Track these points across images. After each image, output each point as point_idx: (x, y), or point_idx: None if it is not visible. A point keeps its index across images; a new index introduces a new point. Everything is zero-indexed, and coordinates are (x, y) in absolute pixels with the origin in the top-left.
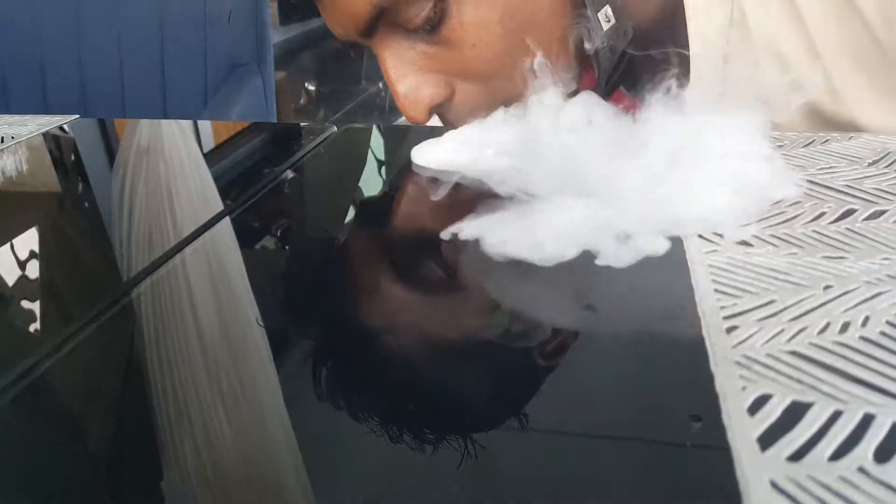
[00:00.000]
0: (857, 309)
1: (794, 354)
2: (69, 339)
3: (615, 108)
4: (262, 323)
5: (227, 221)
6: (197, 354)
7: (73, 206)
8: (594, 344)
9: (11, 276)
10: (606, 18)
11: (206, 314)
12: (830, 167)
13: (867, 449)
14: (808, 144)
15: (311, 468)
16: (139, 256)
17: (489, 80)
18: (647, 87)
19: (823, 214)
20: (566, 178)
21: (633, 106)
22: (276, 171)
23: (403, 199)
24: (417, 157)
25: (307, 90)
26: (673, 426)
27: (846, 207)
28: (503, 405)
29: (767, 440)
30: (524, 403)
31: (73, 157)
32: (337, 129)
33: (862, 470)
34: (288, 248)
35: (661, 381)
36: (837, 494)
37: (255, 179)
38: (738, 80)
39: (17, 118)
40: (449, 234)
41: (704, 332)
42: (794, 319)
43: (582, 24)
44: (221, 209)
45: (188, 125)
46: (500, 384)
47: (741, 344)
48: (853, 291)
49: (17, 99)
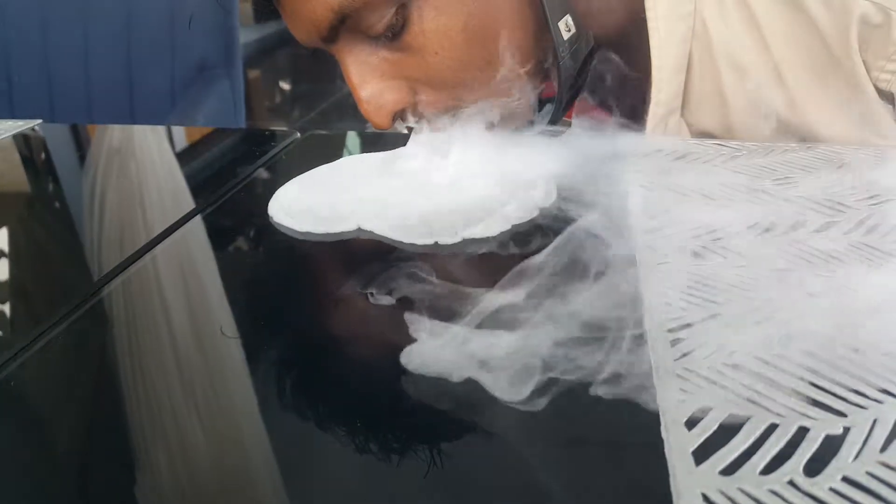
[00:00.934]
0: (800, 322)
1: (734, 367)
2: (39, 337)
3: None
4: (226, 332)
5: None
6: (168, 351)
7: (32, 207)
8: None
9: None
10: (567, 28)
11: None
12: (786, 178)
13: (799, 462)
14: (766, 154)
15: (282, 465)
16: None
17: (452, 87)
18: (610, 96)
19: (776, 226)
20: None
21: (597, 115)
22: (232, 179)
23: None
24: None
25: (281, 90)
26: (610, 438)
27: (798, 219)
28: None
29: (702, 453)
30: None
31: (35, 159)
32: (300, 134)
33: (792, 483)
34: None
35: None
36: None
37: (210, 188)
38: (700, 91)
39: None
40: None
41: (650, 344)
42: (737, 332)
43: (542, 32)
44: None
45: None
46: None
47: (684, 357)
48: (798, 304)
49: None
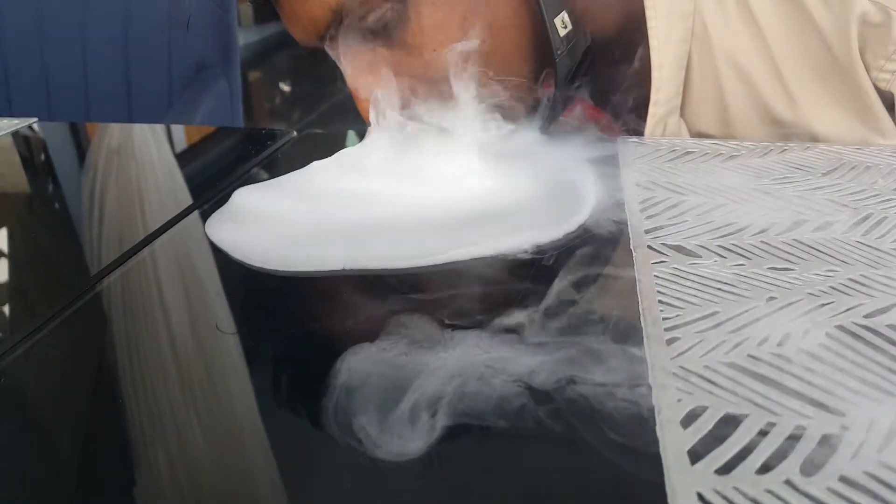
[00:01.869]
0: (797, 321)
1: (731, 366)
2: (34, 332)
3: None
4: (222, 328)
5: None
6: (164, 345)
7: (30, 204)
8: (530, 350)
9: None
10: (563, 24)
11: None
12: (785, 177)
13: (796, 462)
14: (765, 154)
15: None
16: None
17: (451, 84)
18: (608, 95)
19: (774, 225)
20: None
21: (594, 113)
22: (230, 177)
23: None
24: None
25: (282, 91)
26: (606, 437)
27: (797, 218)
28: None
29: (698, 453)
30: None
31: (33, 157)
32: (297, 133)
33: (788, 482)
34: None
35: (598, 392)
36: None
37: (207, 185)
38: (699, 91)
39: None
40: None
41: (645, 343)
42: (734, 331)
43: (539, 30)
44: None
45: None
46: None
47: (680, 356)
48: (796, 303)
49: None
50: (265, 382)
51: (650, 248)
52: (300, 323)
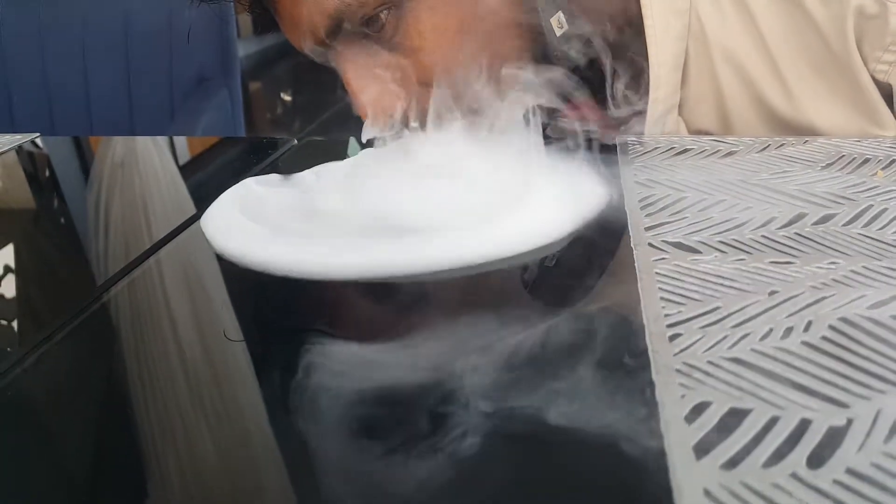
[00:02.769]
0: (800, 314)
1: (735, 361)
2: (43, 343)
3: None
4: (229, 335)
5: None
6: (171, 352)
7: (35, 218)
8: (536, 350)
9: None
10: (559, 24)
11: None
12: (784, 171)
13: (802, 455)
14: (763, 149)
15: (290, 468)
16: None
17: (450, 87)
18: (607, 94)
19: (774, 219)
20: None
21: (593, 113)
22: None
23: None
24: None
25: (283, 101)
26: (611, 433)
27: (797, 212)
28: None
29: (703, 448)
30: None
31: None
32: (297, 142)
33: (795, 476)
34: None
35: (602, 388)
36: (769, 501)
37: (209, 194)
38: (697, 87)
39: None
40: None
41: (647, 339)
42: (737, 326)
43: (536, 30)
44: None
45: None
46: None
47: (683, 351)
48: (798, 297)
49: None
50: (274, 390)
51: (651, 245)
52: (308, 328)
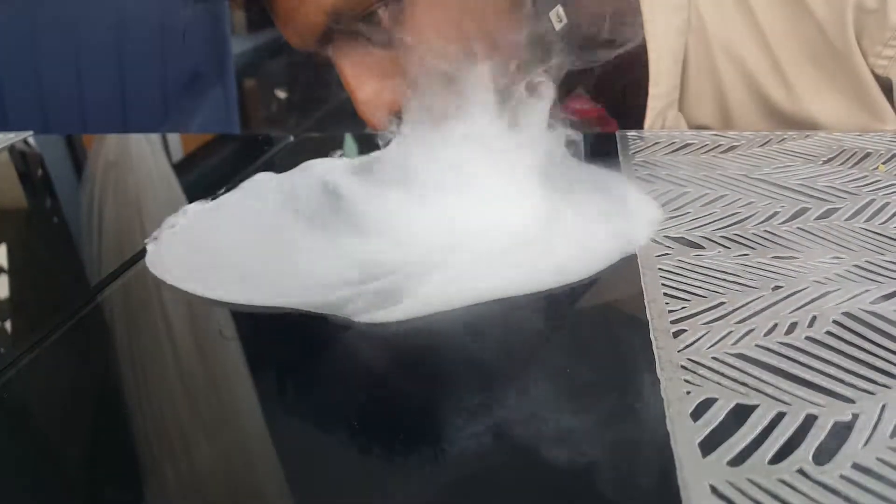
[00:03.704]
0: (804, 309)
1: (739, 357)
2: (38, 344)
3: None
4: (225, 333)
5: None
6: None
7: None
8: (541, 347)
9: None
10: (558, 18)
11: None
12: (786, 166)
13: (808, 450)
14: (764, 143)
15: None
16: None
17: (449, 83)
18: (606, 90)
19: (776, 214)
20: None
21: (592, 108)
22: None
23: None
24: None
25: (278, 98)
26: (616, 432)
27: (799, 206)
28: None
29: (709, 444)
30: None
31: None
32: (293, 138)
33: (801, 472)
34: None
35: (607, 387)
36: (776, 497)
37: (205, 190)
38: (697, 83)
39: None
40: None
41: (652, 336)
42: (741, 322)
43: (535, 24)
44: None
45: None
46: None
47: (687, 348)
48: (802, 292)
49: None
50: (270, 389)
51: (653, 241)
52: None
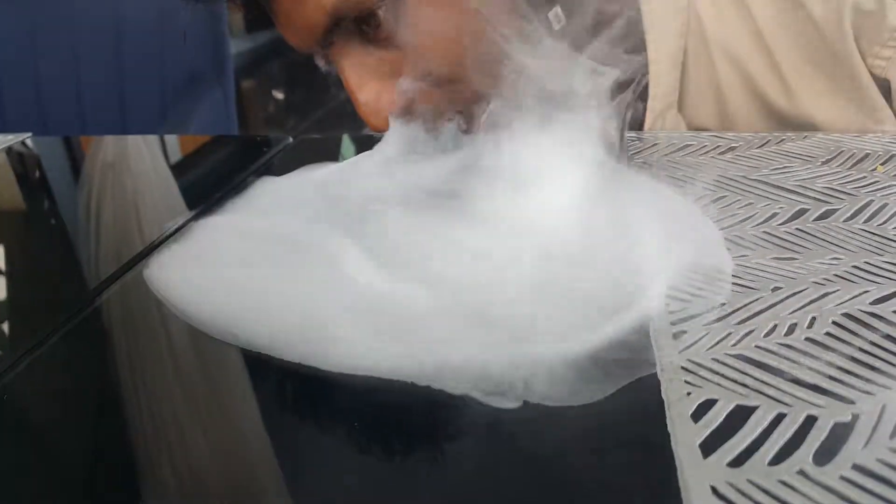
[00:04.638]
0: (804, 310)
1: (740, 358)
2: (37, 346)
3: None
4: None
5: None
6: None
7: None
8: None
9: None
10: (557, 19)
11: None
12: (784, 167)
13: (808, 451)
14: (763, 145)
15: (286, 473)
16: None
17: (449, 83)
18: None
19: (775, 215)
20: None
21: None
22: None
23: None
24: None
25: (276, 99)
26: (616, 433)
27: (798, 207)
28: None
29: (710, 446)
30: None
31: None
32: (293, 139)
33: (802, 472)
34: None
35: (606, 388)
36: (776, 498)
37: (204, 193)
38: (696, 85)
39: None
40: None
41: (652, 337)
42: (741, 323)
43: (532, 24)
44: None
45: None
46: None
47: (688, 349)
48: (801, 292)
49: None
50: (269, 392)
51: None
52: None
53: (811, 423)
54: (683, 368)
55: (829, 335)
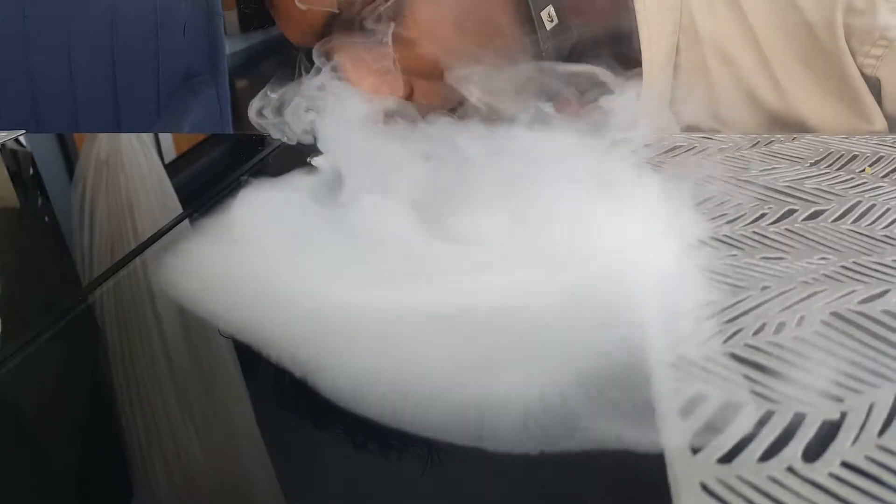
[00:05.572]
0: (792, 309)
1: (729, 356)
2: (29, 343)
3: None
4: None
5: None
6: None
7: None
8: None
9: None
10: (549, 18)
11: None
12: (773, 168)
13: (797, 448)
14: (752, 146)
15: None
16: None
17: (444, 77)
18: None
19: (764, 215)
20: None
21: (579, 107)
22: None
23: None
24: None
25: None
26: (606, 429)
27: (787, 208)
28: None
29: (699, 442)
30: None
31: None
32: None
33: (791, 469)
34: None
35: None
36: (766, 494)
37: (198, 192)
38: (688, 83)
39: None
40: None
41: (644, 335)
42: (730, 321)
43: (527, 23)
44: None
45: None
46: None
47: (677, 346)
48: (790, 292)
49: None
50: (262, 389)
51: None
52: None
53: (800, 420)
54: (673, 365)
55: (817, 334)
